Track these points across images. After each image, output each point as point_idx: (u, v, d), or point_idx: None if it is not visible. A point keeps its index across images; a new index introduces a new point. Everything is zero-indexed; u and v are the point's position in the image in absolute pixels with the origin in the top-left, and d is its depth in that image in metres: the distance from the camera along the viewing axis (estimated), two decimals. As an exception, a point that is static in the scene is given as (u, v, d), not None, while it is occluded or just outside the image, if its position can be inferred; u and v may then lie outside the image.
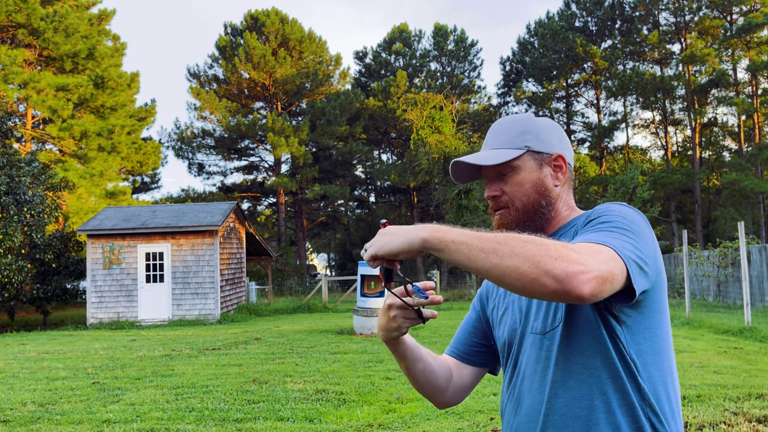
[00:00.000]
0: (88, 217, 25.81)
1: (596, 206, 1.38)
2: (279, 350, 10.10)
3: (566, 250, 1.09)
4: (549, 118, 1.50)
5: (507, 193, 1.42)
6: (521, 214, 1.41)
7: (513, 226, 1.41)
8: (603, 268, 1.10)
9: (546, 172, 1.42)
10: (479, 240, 1.11)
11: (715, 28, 37.40)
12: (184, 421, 5.66)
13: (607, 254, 1.14)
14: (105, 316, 17.84)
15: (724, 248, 18.65)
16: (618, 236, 1.21)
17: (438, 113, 34.15)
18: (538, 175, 1.42)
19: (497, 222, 1.45)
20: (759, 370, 7.30)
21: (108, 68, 31.37)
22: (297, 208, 42.65)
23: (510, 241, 1.10)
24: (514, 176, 1.41)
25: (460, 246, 1.12)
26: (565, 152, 1.45)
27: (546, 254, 1.07)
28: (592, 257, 1.11)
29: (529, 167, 1.42)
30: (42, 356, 10.43)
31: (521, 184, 1.41)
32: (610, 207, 1.33)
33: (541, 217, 1.42)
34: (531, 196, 1.41)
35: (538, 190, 1.41)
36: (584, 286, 1.06)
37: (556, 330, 1.31)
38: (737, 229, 11.98)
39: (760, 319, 13.14)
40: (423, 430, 5.13)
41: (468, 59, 44.88)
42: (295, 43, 39.85)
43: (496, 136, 1.46)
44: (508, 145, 1.43)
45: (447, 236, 1.13)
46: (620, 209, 1.31)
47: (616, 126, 40.75)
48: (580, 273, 1.06)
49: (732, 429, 4.81)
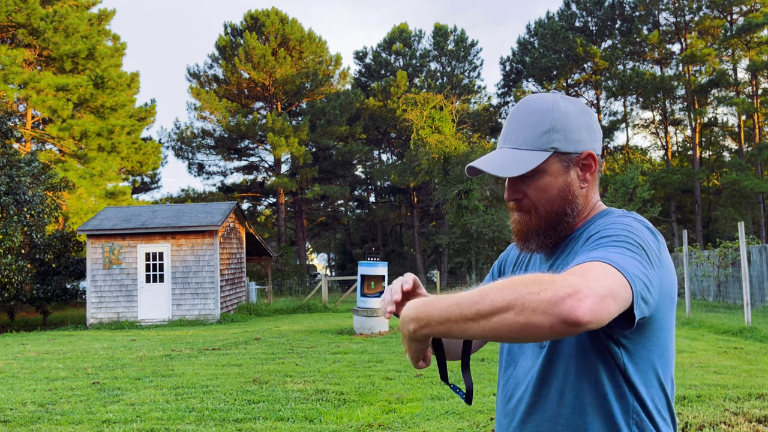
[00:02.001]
0: (88, 217, 25.81)
1: (599, 219, 1.26)
2: (279, 350, 10.10)
3: (550, 278, 0.96)
4: (578, 101, 1.33)
5: (530, 197, 1.28)
6: (543, 222, 1.29)
7: (534, 234, 1.30)
8: (596, 285, 0.96)
9: (573, 175, 1.28)
10: (459, 309, 1.00)
11: (715, 28, 37.41)
12: (184, 421, 5.66)
13: (600, 269, 1.00)
14: (105, 316, 17.84)
15: (724, 248, 18.65)
16: (619, 251, 1.08)
17: (438, 113, 34.16)
18: (564, 180, 1.27)
19: (517, 226, 1.32)
20: (759, 370, 7.30)
21: (108, 68, 31.37)
22: (297, 208, 42.65)
23: (487, 296, 0.98)
24: (539, 181, 1.27)
25: (445, 325, 1.02)
26: (595, 146, 1.31)
27: (527, 292, 0.95)
28: (582, 276, 0.97)
29: (555, 171, 1.27)
30: (42, 356, 10.43)
31: (546, 189, 1.27)
32: (612, 220, 1.21)
33: (565, 225, 1.29)
34: (556, 203, 1.27)
35: (564, 197, 1.28)
36: (578, 308, 0.92)
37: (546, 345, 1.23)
38: (737, 229, 11.98)
39: (760, 319, 13.14)
40: (423, 430, 5.13)
41: (468, 59, 44.89)
42: (295, 43, 39.86)
43: (518, 130, 1.29)
44: (532, 145, 1.26)
45: (431, 319, 1.04)
46: (623, 221, 1.19)
47: (616, 126, 40.76)
48: (568, 296, 0.93)
49: (732, 429, 4.81)
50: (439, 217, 41.19)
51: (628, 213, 1.26)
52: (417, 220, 42.35)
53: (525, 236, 1.31)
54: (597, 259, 1.04)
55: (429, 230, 42.69)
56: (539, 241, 1.31)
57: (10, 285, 17.35)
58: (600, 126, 1.34)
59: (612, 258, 1.04)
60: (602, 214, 1.31)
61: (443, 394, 6.31)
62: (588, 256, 1.07)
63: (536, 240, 1.31)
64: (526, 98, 1.32)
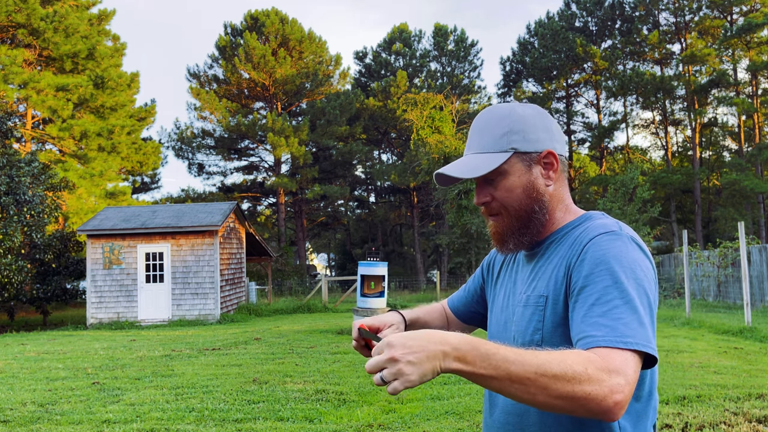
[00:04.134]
0: (88, 217, 25.82)
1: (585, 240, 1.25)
2: (279, 350, 10.10)
3: (597, 377, 1.02)
4: (535, 105, 1.39)
5: (497, 199, 1.34)
6: (515, 221, 1.34)
7: (509, 234, 1.35)
8: (630, 379, 1.05)
9: (536, 172, 1.33)
10: (509, 375, 1.03)
11: (715, 28, 37.40)
12: (184, 421, 5.66)
13: (633, 363, 1.07)
14: (105, 316, 17.84)
15: (724, 248, 18.65)
16: (630, 312, 1.12)
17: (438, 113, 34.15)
18: (528, 178, 1.33)
19: (492, 229, 1.38)
20: (759, 370, 7.30)
21: (108, 68, 31.38)
22: (297, 208, 42.65)
23: (539, 380, 1.02)
24: (503, 181, 1.33)
25: (488, 380, 1.04)
26: (555, 145, 1.35)
27: (580, 395, 1.02)
28: (622, 376, 1.04)
29: (518, 170, 1.32)
30: (42, 356, 10.42)
31: (511, 189, 1.33)
32: (605, 245, 1.21)
33: (536, 222, 1.34)
34: (523, 202, 1.33)
35: (530, 195, 1.33)
36: (617, 412, 1.03)
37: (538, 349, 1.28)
38: (737, 229, 11.98)
39: (760, 319, 13.14)
40: (423, 430, 5.13)
41: (468, 59, 44.88)
42: (295, 43, 39.86)
43: (479, 136, 1.35)
44: (493, 147, 1.33)
45: (475, 369, 1.04)
46: (618, 248, 1.20)
47: (616, 126, 40.74)
48: (615, 404, 1.02)
49: (732, 429, 4.81)
50: (439, 217, 41.19)
51: (614, 227, 1.26)
52: (417, 220, 42.35)
53: (501, 238, 1.37)
54: (627, 345, 1.08)
55: (429, 230, 42.68)
56: (516, 241, 1.36)
57: (10, 285, 17.35)
58: (561, 129, 1.39)
59: (635, 337, 1.09)
60: (583, 219, 1.34)
61: (443, 394, 6.31)
62: (615, 335, 1.09)
63: (513, 240, 1.36)
64: (484, 109, 1.39)
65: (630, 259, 1.19)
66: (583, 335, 1.13)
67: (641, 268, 1.19)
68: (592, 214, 1.36)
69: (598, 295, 1.16)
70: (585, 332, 1.13)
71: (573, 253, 1.25)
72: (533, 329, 1.28)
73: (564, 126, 43.55)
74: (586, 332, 1.12)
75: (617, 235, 1.23)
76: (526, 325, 1.30)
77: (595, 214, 1.35)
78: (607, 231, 1.24)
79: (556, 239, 1.34)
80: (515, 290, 1.40)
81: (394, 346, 1.03)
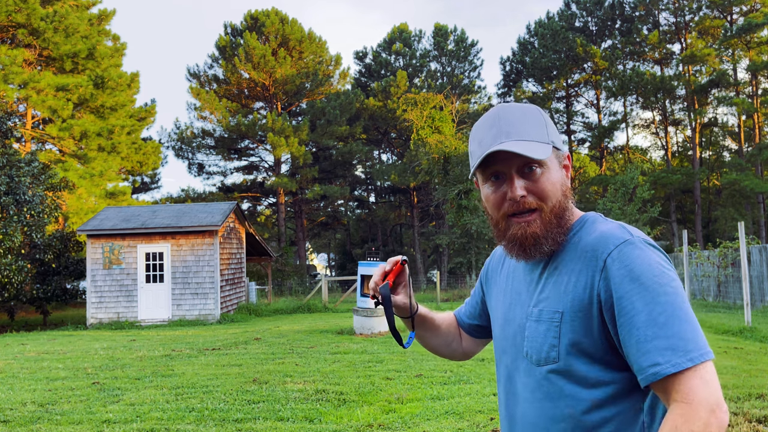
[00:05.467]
0: (88, 217, 25.81)
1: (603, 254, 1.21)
2: (279, 350, 10.10)
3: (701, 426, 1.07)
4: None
5: (535, 193, 1.26)
6: (553, 216, 1.26)
7: (547, 233, 1.26)
8: (716, 390, 1.10)
9: (563, 171, 1.31)
10: None
11: (715, 28, 37.41)
12: (184, 421, 5.66)
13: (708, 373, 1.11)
14: (105, 316, 17.84)
15: (724, 248, 18.65)
16: (679, 322, 1.13)
17: (438, 113, 34.15)
18: (561, 175, 1.29)
19: (523, 231, 1.27)
20: (759, 370, 7.30)
21: (108, 68, 31.37)
22: (297, 208, 42.65)
23: None
24: (546, 174, 1.26)
25: None
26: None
27: None
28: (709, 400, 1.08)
29: (555, 165, 1.29)
30: (42, 356, 10.42)
31: (554, 182, 1.27)
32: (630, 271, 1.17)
33: (565, 221, 1.28)
34: (560, 197, 1.27)
35: (564, 192, 1.29)
36: (725, 420, 1.08)
37: (553, 366, 1.24)
38: (737, 229, 11.98)
39: (760, 320, 13.14)
40: (423, 430, 5.13)
41: (468, 59, 44.88)
42: (295, 43, 39.86)
43: (518, 125, 1.27)
44: (537, 137, 1.26)
45: None
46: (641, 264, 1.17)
47: (616, 126, 40.74)
48: (722, 428, 1.07)
49: (732, 429, 4.81)
50: (439, 217, 41.19)
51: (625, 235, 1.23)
52: (417, 220, 42.35)
53: (536, 238, 1.26)
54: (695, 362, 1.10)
55: (429, 230, 42.67)
56: (553, 240, 1.27)
57: (10, 285, 17.35)
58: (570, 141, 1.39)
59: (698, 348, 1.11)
60: (584, 221, 1.31)
61: (443, 394, 6.31)
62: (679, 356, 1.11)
63: (550, 239, 1.27)
64: (504, 104, 1.33)
65: (654, 264, 1.18)
66: (647, 364, 1.12)
67: (666, 270, 1.18)
68: (590, 216, 1.33)
69: (643, 316, 1.14)
70: (649, 361, 1.12)
71: (593, 269, 1.21)
72: (549, 346, 1.25)
73: (564, 126, 43.55)
74: (650, 361, 1.12)
75: (632, 244, 1.20)
76: (542, 342, 1.26)
77: (594, 216, 1.32)
78: (622, 241, 1.21)
79: (571, 251, 1.28)
80: (521, 300, 1.36)
81: None
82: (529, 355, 1.29)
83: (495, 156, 1.25)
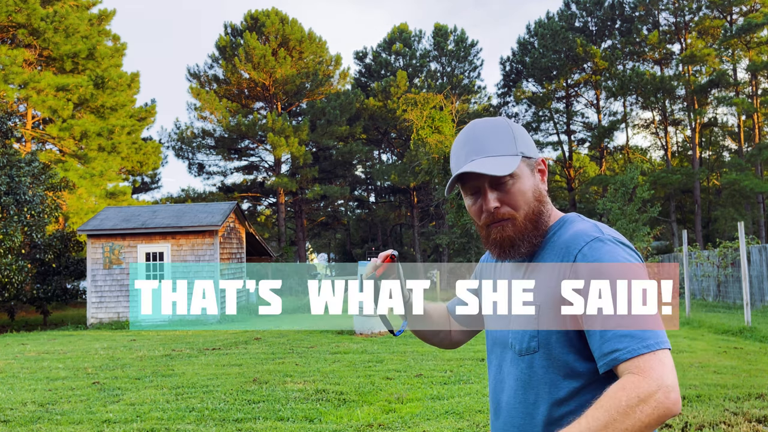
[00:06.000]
0: (88, 217, 25.82)
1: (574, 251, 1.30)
2: (279, 350, 10.10)
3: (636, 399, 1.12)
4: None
5: (507, 203, 1.36)
6: (528, 222, 1.37)
7: (522, 237, 1.37)
8: (670, 373, 1.15)
9: (537, 177, 1.41)
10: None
11: (715, 28, 37.38)
12: (184, 421, 5.66)
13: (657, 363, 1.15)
14: (105, 316, 17.84)
15: (724, 248, 18.65)
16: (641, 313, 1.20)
17: (438, 113, 34.15)
18: (533, 182, 1.39)
19: (498, 235, 1.38)
20: (759, 370, 7.30)
21: (108, 68, 31.36)
22: (297, 208, 42.64)
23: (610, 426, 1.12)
24: (516, 184, 1.36)
25: None
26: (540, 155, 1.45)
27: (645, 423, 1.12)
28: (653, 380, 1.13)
29: (526, 174, 1.38)
30: (42, 356, 10.43)
31: (524, 192, 1.36)
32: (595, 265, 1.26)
33: (543, 224, 1.39)
34: (532, 204, 1.37)
35: (537, 197, 1.38)
36: (674, 409, 1.13)
37: (535, 355, 1.34)
38: (737, 229, 11.98)
39: (760, 319, 13.14)
40: (423, 430, 5.13)
41: (468, 59, 44.86)
42: (295, 43, 39.85)
43: (486, 141, 1.38)
44: (505, 151, 1.36)
45: None
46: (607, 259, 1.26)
47: (616, 126, 40.73)
48: (674, 405, 1.13)
49: (732, 429, 4.81)
50: (439, 217, 41.18)
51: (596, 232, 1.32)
52: (417, 220, 42.34)
53: (512, 242, 1.38)
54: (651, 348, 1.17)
55: (429, 230, 42.66)
56: (529, 243, 1.39)
57: (10, 285, 17.35)
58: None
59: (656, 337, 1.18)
60: (563, 222, 1.41)
61: (443, 394, 6.31)
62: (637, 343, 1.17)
63: (526, 242, 1.38)
64: (474, 121, 1.44)
65: (621, 259, 1.26)
66: (607, 351, 1.20)
67: (633, 265, 1.26)
68: (569, 217, 1.43)
69: (606, 306, 1.22)
70: (609, 348, 1.20)
71: (565, 264, 1.31)
72: (529, 336, 1.35)
73: (564, 126, 43.54)
74: (610, 347, 1.20)
75: (602, 241, 1.30)
76: (523, 333, 1.37)
77: (573, 217, 1.42)
78: (592, 238, 1.30)
79: (549, 248, 1.39)
80: (508, 293, 1.47)
81: None
82: (513, 345, 1.40)
83: (467, 174, 1.37)
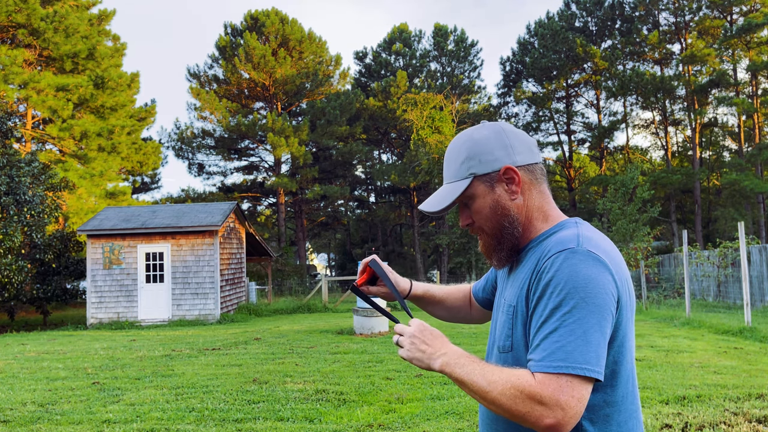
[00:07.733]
0: (88, 217, 25.82)
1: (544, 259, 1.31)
2: (279, 350, 10.10)
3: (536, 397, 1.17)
4: (495, 124, 1.45)
5: (475, 221, 1.46)
6: (491, 238, 1.44)
7: (491, 251, 1.46)
8: (564, 403, 1.17)
9: (499, 191, 1.40)
10: (472, 384, 1.26)
11: (715, 28, 37.38)
12: (184, 421, 5.66)
13: (567, 387, 1.18)
14: (105, 316, 17.84)
15: (724, 248, 18.65)
16: (571, 334, 1.20)
17: (438, 113, 34.16)
18: (492, 198, 1.41)
19: (480, 247, 1.50)
20: (759, 370, 7.30)
21: (108, 68, 31.36)
22: (297, 208, 42.64)
23: (493, 390, 1.22)
24: (473, 204, 1.43)
25: (461, 384, 1.28)
26: (515, 158, 1.40)
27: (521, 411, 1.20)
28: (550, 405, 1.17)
29: (482, 192, 1.41)
30: (42, 356, 10.43)
31: (479, 211, 1.43)
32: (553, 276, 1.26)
33: (509, 237, 1.42)
34: (492, 220, 1.42)
35: (496, 212, 1.41)
36: (541, 427, 1.19)
37: (508, 354, 1.39)
38: (737, 229, 11.98)
39: (760, 319, 13.14)
40: (423, 430, 5.13)
41: (468, 59, 44.86)
42: (295, 43, 39.85)
43: (447, 167, 1.47)
44: (455, 176, 1.44)
45: (453, 374, 1.29)
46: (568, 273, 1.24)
47: (616, 126, 40.74)
48: (535, 424, 1.19)
49: (732, 429, 4.81)
50: (439, 217, 41.19)
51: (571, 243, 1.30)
52: (417, 220, 42.34)
53: (487, 254, 1.48)
54: (558, 370, 1.19)
55: (429, 230, 42.68)
56: (497, 256, 1.46)
57: (10, 285, 17.35)
58: (526, 140, 1.46)
59: (571, 360, 1.19)
60: (557, 228, 1.39)
61: (443, 394, 6.31)
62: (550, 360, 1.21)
63: (495, 256, 1.46)
64: (453, 138, 1.52)
65: (582, 276, 1.24)
66: (530, 357, 1.26)
67: (595, 284, 1.24)
68: (565, 222, 1.41)
69: (545, 317, 1.25)
70: (531, 354, 1.26)
71: (535, 269, 1.33)
72: (505, 335, 1.40)
73: (564, 126, 43.55)
74: (531, 355, 1.25)
75: (572, 252, 1.27)
76: (501, 331, 1.42)
77: (568, 223, 1.40)
78: (564, 249, 1.29)
79: (533, 247, 1.41)
80: (500, 293, 1.55)
81: (421, 331, 1.37)
82: (494, 342, 1.46)
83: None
